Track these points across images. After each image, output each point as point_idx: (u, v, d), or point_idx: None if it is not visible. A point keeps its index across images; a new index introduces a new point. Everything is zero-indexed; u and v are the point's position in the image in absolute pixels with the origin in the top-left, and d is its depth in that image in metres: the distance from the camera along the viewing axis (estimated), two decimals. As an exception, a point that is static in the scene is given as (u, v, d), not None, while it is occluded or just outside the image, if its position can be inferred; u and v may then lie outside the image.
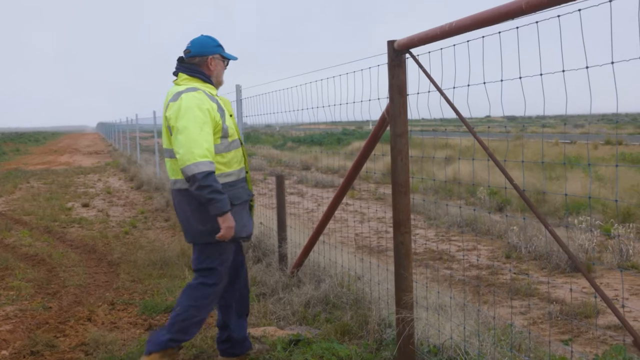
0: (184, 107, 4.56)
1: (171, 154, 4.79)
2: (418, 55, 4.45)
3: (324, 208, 14.16)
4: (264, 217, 9.70)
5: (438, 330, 4.89)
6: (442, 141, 28.29)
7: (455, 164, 21.35)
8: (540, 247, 8.99)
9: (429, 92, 4.42)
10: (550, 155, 21.67)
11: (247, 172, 5.08)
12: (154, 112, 21.91)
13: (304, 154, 28.84)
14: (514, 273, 8.41)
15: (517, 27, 3.45)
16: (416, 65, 4.45)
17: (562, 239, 3.51)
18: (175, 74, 5.01)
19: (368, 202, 15.81)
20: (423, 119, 5.13)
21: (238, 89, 9.21)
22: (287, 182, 15.11)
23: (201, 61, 4.92)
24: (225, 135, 4.78)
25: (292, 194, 18.15)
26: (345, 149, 32.64)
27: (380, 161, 20.78)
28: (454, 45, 4.05)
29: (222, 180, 4.70)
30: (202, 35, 5.02)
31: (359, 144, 32.94)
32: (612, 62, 3.04)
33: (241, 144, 5.04)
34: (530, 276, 8.17)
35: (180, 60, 5.01)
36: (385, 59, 4.71)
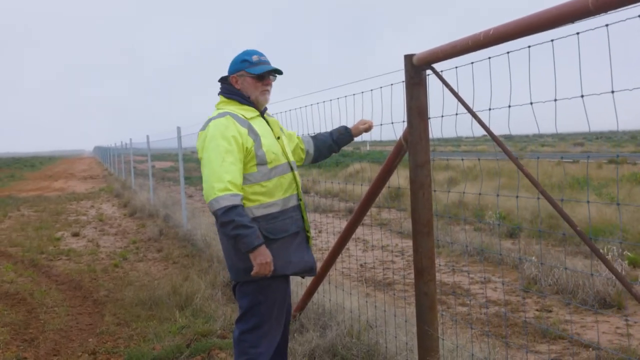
0: (209, 137, 4.17)
1: None
2: (442, 71, 3.76)
3: (325, 236, 13.51)
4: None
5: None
6: (442, 163, 27.64)
7: (458, 186, 20.70)
8: (562, 280, 8.26)
9: (456, 114, 3.71)
10: (556, 176, 20.95)
11: (300, 200, 4.46)
12: (147, 137, 21.24)
13: (301, 177, 28.18)
14: (536, 310, 7.69)
15: (578, 33, 2.75)
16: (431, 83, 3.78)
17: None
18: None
19: (371, 228, 15.06)
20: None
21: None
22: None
23: (231, 80, 4.45)
24: (262, 162, 4.21)
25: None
26: (344, 172, 32.00)
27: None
28: (490, 57, 3.36)
29: (261, 212, 4.18)
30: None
31: (358, 166, 32.33)
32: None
33: (291, 169, 4.44)
34: (554, 314, 7.45)
35: (221, 80, 4.54)
36: (396, 77, 4.04)
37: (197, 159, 4.52)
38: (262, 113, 4.49)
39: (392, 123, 4.49)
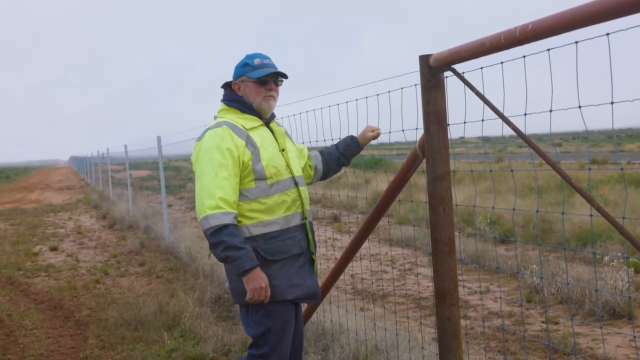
0: (203, 149, 3.86)
1: None
2: (464, 72, 3.39)
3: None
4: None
5: None
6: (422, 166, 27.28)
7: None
8: (565, 288, 7.92)
9: (482, 120, 3.35)
10: (542, 178, 20.62)
11: (305, 219, 4.08)
12: (125, 147, 20.77)
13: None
14: (542, 322, 7.34)
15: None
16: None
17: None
18: None
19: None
20: (397, 142, 4.25)
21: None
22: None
23: (233, 87, 4.11)
24: (260, 177, 3.86)
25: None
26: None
27: (364, 189, 19.74)
28: (524, 56, 3.00)
29: (259, 231, 3.84)
30: None
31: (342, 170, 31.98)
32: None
33: (296, 184, 4.05)
34: (562, 326, 7.11)
35: (224, 86, 4.18)
36: (410, 79, 3.68)
37: (174, 167, 4.14)
38: (268, 122, 4.13)
39: (403, 130, 4.13)
